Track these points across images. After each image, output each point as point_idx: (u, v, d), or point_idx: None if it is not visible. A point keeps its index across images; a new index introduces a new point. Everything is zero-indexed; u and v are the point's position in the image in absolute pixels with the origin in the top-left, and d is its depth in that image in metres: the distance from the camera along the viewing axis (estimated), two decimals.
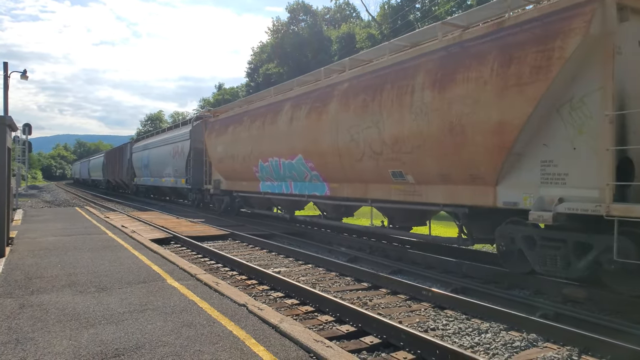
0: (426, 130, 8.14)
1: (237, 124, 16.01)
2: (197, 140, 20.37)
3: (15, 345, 4.09)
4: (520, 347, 4.87)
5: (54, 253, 8.72)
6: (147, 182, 29.94)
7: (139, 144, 33.33)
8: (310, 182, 12.30)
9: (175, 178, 23.34)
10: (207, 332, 4.46)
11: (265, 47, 51.64)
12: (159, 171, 26.42)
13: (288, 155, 12.75)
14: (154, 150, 27.63)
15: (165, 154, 24.78)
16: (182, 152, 22.11)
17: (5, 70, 23.76)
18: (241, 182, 16.38)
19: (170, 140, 24.56)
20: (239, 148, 15.54)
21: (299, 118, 12.06)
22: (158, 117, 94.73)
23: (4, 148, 8.28)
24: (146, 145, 30.07)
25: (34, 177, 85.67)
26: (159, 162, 26.14)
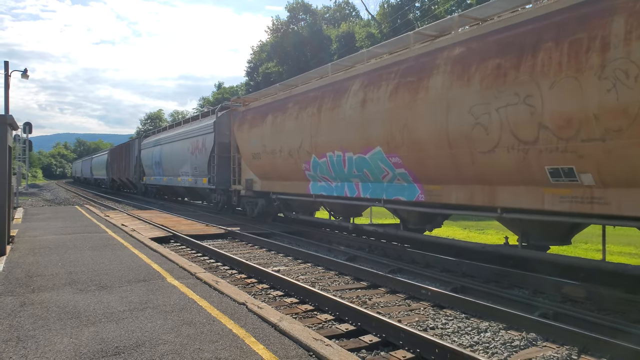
0: (636, 105, 5.43)
1: (278, 112, 13.39)
2: (223, 134, 17.91)
3: (16, 343, 4.10)
4: (519, 346, 4.88)
5: (54, 251, 8.73)
6: (158, 181, 26.69)
7: (149, 139, 29.88)
8: (392, 184, 9.59)
9: (195, 177, 20.54)
10: (207, 330, 4.47)
11: (264, 46, 51.62)
12: (173, 169, 23.49)
13: (359, 148, 10.05)
14: (167, 146, 24.57)
15: (182, 150, 21.92)
16: (204, 147, 19.27)
17: (6, 69, 23.76)
18: (282, 183, 13.92)
19: (188, 134, 21.61)
20: (282, 141, 13.05)
21: (378, 99, 9.32)
22: (158, 116, 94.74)
23: (5, 147, 8.29)
24: (158, 141, 26.78)
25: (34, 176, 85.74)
26: (174, 159, 23.22)
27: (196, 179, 20.42)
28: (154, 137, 28.71)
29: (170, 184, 24.61)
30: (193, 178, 20.78)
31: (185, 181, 21.85)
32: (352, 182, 10.82)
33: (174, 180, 23.60)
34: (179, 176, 22.83)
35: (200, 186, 20.10)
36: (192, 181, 20.89)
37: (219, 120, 18.21)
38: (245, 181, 15.77)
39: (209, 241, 11.78)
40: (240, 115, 16.19)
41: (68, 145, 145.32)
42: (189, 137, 21.36)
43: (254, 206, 16.00)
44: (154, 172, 27.74)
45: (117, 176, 39.03)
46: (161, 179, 26.12)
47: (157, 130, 31.39)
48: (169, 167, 24.41)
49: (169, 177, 24.68)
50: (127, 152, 35.09)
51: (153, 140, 28.31)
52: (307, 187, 12.60)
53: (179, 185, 23.17)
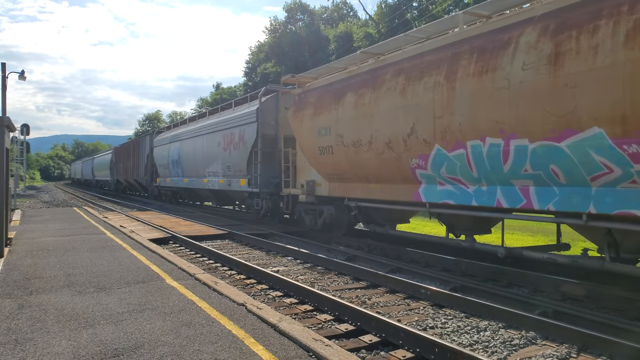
0: None
1: (364, 89, 9.80)
2: (267, 124, 14.67)
3: (14, 345, 4.09)
4: (519, 344, 4.88)
5: (52, 253, 8.71)
6: (176, 183, 22.95)
7: (163, 135, 26.09)
8: (613, 188, 6.01)
9: (228, 178, 17.01)
10: (206, 331, 4.46)
11: (262, 47, 51.66)
12: (197, 169, 19.97)
13: (545, 131, 6.49)
14: (189, 142, 20.90)
15: (210, 145, 18.49)
16: (242, 141, 15.69)
17: (3, 71, 23.72)
18: (367, 186, 10.31)
19: (218, 126, 17.91)
20: (372, 128, 9.48)
21: (594, 49, 5.87)
22: (156, 117, 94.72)
23: (2, 149, 8.27)
24: (176, 136, 22.83)
25: (32, 178, 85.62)
26: (199, 156, 19.67)
27: (230, 180, 16.88)
28: (170, 132, 24.58)
29: (192, 186, 20.92)
30: (225, 179, 17.23)
31: (214, 183, 18.28)
32: (515, 186, 7.18)
33: (198, 182, 20.01)
34: (204, 177, 19.29)
35: (236, 189, 16.54)
36: (224, 183, 17.30)
37: (263, 107, 14.73)
38: (306, 183, 12.20)
39: (208, 242, 11.76)
40: (296, 98, 12.62)
41: (66, 146, 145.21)
42: (219, 129, 17.69)
43: (316, 215, 12.48)
44: (170, 173, 23.92)
45: (124, 177, 35.40)
46: (180, 180, 22.40)
47: (174, 124, 26.50)
48: (190, 167, 20.86)
49: (190, 177, 21.02)
50: (135, 150, 31.29)
51: (169, 136, 24.16)
52: (416, 192, 8.95)
53: (205, 188, 19.55)
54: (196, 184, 20.33)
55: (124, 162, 35.20)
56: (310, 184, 12.19)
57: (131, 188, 36.68)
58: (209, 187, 19.12)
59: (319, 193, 12.08)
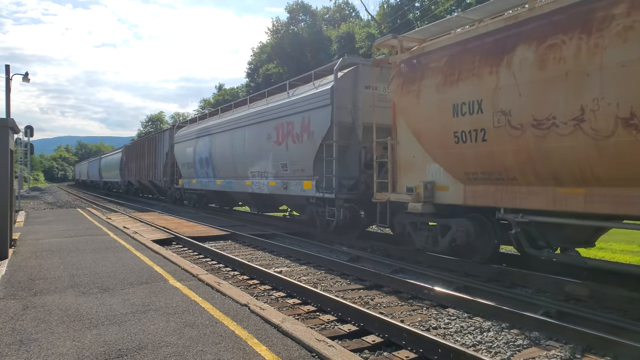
0: None
1: (562, 35, 6.30)
2: (343, 109, 11.26)
3: (19, 346, 4.10)
4: (522, 345, 4.87)
5: (56, 254, 8.74)
6: (206, 185, 19.57)
7: (187, 129, 22.61)
8: None
9: (283, 179, 13.43)
10: (210, 332, 4.47)
11: (265, 48, 51.73)
12: (236, 168, 16.55)
13: None
14: (223, 137, 17.47)
15: (255, 139, 14.97)
16: (307, 131, 12.14)
17: (7, 73, 23.82)
18: (554, 190, 6.74)
19: (269, 114, 14.15)
20: (584, 96, 6.01)
21: None
22: (159, 118, 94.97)
23: (7, 150, 8.30)
24: (205, 130, 19.27)
25: (35, 179, 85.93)
26: (239, 153, 16.19)
27: (286, 182, 13.34)
28: (196, 126, 21.18)
29: (227, 188, 17.44)
30: (279, 181, 13.70)
31: (261, 185, 14.73)
32: None
33: (237, 184, 16.53)
34: (245, 178, 15.81)
35: (296, 193, 12.87)
36: (277, 186, 13.79)
37: (340, 84, 11.25)
38: (423, 186, 8.64)
39: (210, 243, 11.77)
40: (402, 67, 9.20)
41: (69, 148, 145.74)
42: (270, 118, 14.10)
43: (436, 233, 8.96)
44: (196, 173, 20.57)
45: (136, 178, 32.16)
46: (210, 182, 19.10)
47: (200, 115, 22.92)
48: (225, 166, 17.48)
49: (225, 179, 17.60)
50: (151, 148, 28.10)
51: (195, 130, 20.72)
52: None
53: (247, 192, 15.98)
54: (234, 186, 16.81)
55: (136, 161, 32.10)
56: (428, 187, 8.64)
57: (145, 190, 33.61)
58: (253, 191, 15.32)
59: (444, 200, 8.47)
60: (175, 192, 24.39)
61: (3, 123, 8.35)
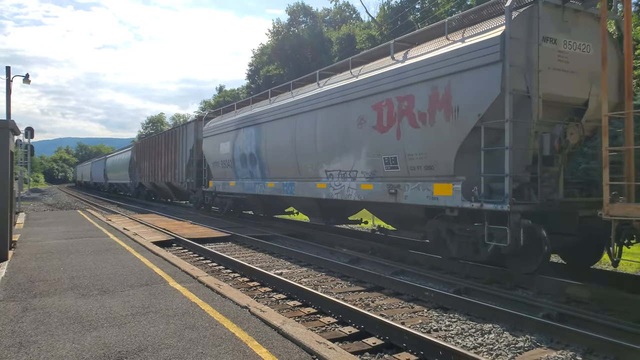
0: None
1: None
2: (518, 70, 7.22)
3: (18, 348, 4.09)
4: (523, 347, 4.86)
5: (56, 256, 8.73)
6: (250, 188, 15.44)
7: (219, 120, 18.47)
8: None
9: (389, 182, 9.43)
10: (210, 334, 4.46)
11: (265, 49, 51.76)
12: (300, 166, 12.50)
13: None
14: (279, 126, 13.44)
15: (330, 125, 11.14)
16: (445, 107, 8.07)
17: (7, 75, 23.84)
18: None
19: (358, 90, 10.18)
20: None
21: None
22: (159, 120, 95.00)
23: (7, 152, 8.30)
24: (249, 119, 15.30)
25: (36, 181, 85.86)
26: (306, 145, 12.13)
27: (396, 184, 9.23)
28: (235, 115, 17.05)
29: (285, 193, 13.34)
30: (381, 183, 9.62)
31: (346, 189, 10.63)
32: None
33: (302, 188, 12.47)
34: (316, 180, 11.81)
35: (417, 202, 8.84)
36: (378, 190, 9.71)
37: (514, 32, 7.19)
38: None
39: (211, 244, 11.77)
40: None
41: (70, 149, 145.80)
42: (364, 94, 9.91)
43: None
44: (235, 174, 16.66)
45: (150, 180, 28.58)
46: (258, 185, 14.91)
47: (239, 102, 18.12)
48: (283, 164, 13.32)
49: (282, 180, 13.50)
50: (169, 145, 24.45)
51: (233, 121, 16.68)
52: None
53: (319, 197, 11.87)
54: (297, 190, 12.75)
55: (150, 160, 28.45)
56: None
57: (159, 193, 29.74)
58: (330, 196, 11.16)
59: None
60: (203, 196, 20.26)
61: (3, 125, 8.34)
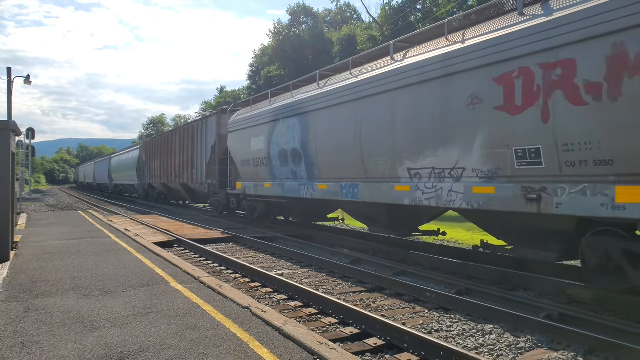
0: None
1: None
2: None
3: (20, 349, 4.10)
4: (524, 348, 4.86)
5: (58, 257, 8.74)
6: (293, 190, 12.76)
7: (249, 112, 15.55)
8: None
9: (525, 183, 6.58)
10: (211, 334, 4.47)
11: (266, 50, 51.78)
12: (365, 164, 9.85)
13: None
14: (335, 114, 10.80)
15: (417, 109, 8.49)
16: None
17: (8, 76, 23.89)
18: None
19: (468, 60, 7.36)
20: None
21: None
22: (160, 121, 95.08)
23: (8, 153, 8.32)
24: (291, 108, 12.66)
25: (37, 182, 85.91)
26: (376, 138, 9.51)
27: (541, 186, 6.40)
28: (269, 105, 14.21)
29: (344, 197, 10.65)
30: (510, 185, 6.81)
31: (443, 193, 7.99)
32: None
33: (370, 190, 9.77)
34: (393, 180, 9.18)
35: (591, 212, 5.85)
36: (505, 194, 6.88)
37: None
38: None
39: (212, 245, 11.78)
40: None
41: (71, 150, 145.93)
42: (480, 63, 7.18)
43: None
44: (272, 173, 13.86)
45: (161, 181, 26.38)
46: (305, 187, 12.13)
47: (274, 90, 15.13)
48: (342, 160, 10.59)
49: (340, 181, 10.78)
50: (185, 141, 22.04)
51: (269, 111, 13.91)
52: None
53: (394, 203, 9.23)
54: (362, 193, 9.94)
55: (161, 159, 26.14)
56: None
57: (172, 195, 27.36)
58: (416, 202, 8.56)
59: None
60: (227, 200, 17.88)
61: (4, 125, 8.36)
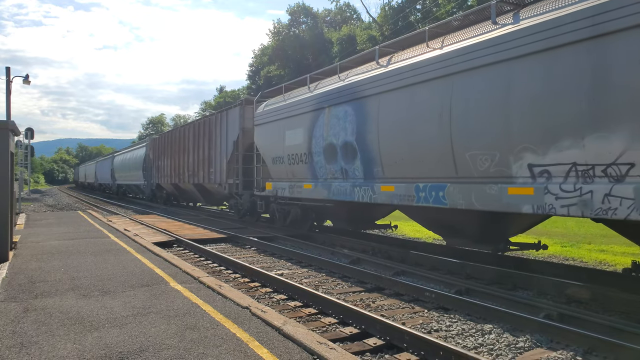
0: None
1: None
2: None
3: (19, 349, 4.10)
4: (524, 347, 4.86)
5: (57, 257, 8.73)
6: (342, 192, 10.64)
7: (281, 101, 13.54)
8: None
9: None
10: (211, 334, 4.46)
11: (266, 50, 51.80)
12: (457, 159, 7.66)
13: None
14: (421, 93, 8.33)
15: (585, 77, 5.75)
16: None
17: (7, 75, 23.86)
18: None
19: None
20: None
21: None
22: (160, 121, 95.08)
23: (7, 153, 8.31)
24: (340, 93, 10.64)
25: (36, 181, 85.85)
26: (478, 127, 7.23)
27: None
28: (308, 92, 12.12)
29: (423, 202, 8.37)
30: None
31: (606, 201, 5.56)
32: None
33: (467, 195, 7.47)
34: (504, 180, 6.90)
35: None
36: None
37: None
38: None
39: (212, 245, 11.77)
40: None
41: (70, 150, 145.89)
42: None
43: None
44: (314, 172, 11.84)
45: (173, 180, 24.02)
46: (362, 189, 10.02)
47: (312, 74, 12.67)
48: (419, 155, 8.50)
49: (415, 181, 8.63)
50: (200, 137, 20.25)
51: (309, 99, 11.89)
52: None
53: (518, 211, 6.71)
54: (452, 197, 7.80)
55: (173, 158, 24.06)
56: None
57: (184, 197, 25.58)
58: (545, 210, 6.33)
59: None
60: (252, 202, 15.91)
61: (3, 125, 8.36)
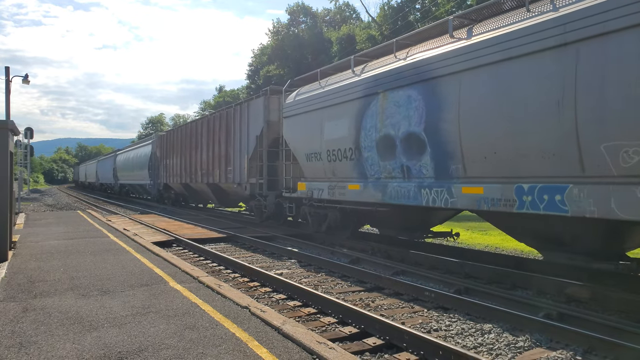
0: None
1: None
2: None
3: (18, 349, 4.09)
4: (523, 347, 4.86)
5: (56, 257, 8.73)
6: (399, 196, 8.90)
7: (320, 87, 11.65)
8: None
9: None
10: (210, 334, 4.46)
11: (265, 49, 51.76)
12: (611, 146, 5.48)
13: None
14: (521, 72, 6.44)
15: None
16: None
17: (7, 75, 23.83)
18: None
19: None
20: None
21: None
22: (159, 120, 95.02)
23: (6, 152, 8.30)
24: (402, 75, 8.69)
25: (35, 181, 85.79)
26: None
27: None
28: (353, 76, 10.43)
29: (533, 209, 6.45)
30: None
31: None
32: None
33: (605, 199, 5.58)
34: None
35: None
36: None
37: None
38: None
39: (211, 245, 11.77)
40: None
41: (69, 150, 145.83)
42: None
43: None
44: (362, 171, 10.13)
45: (184, 180, 22.39)
46: (430, 192, 8.14)
47: (357, 56, 10.93)
48: (516, 149, 6.68)
49: (512, 181, 6.78)
50: (217, 132, 18.41)
51: (355, 84, 10.17)
52: None
53: None
54: (577, 204, 5.90)
55: (183, 155, 22.39)
56: None
57: (195, 198, 24.03)
58: None
59: None
60: (277, 204, 14.43)
61: (3, 125, 8.34)
